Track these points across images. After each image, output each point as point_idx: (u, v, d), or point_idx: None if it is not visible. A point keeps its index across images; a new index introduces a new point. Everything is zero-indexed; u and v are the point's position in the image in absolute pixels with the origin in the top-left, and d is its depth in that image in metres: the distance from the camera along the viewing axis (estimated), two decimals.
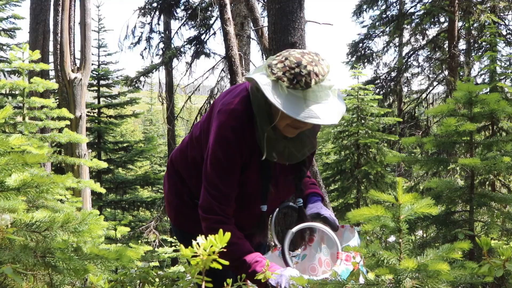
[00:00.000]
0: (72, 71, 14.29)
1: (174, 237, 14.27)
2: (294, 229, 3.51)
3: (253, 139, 3.21)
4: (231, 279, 2.56)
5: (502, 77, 18.75)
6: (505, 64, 20.67)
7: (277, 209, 3.71)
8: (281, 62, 3.02)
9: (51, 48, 14.92)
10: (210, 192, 3.26)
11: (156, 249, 14.13)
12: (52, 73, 16.22)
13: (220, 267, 2.04)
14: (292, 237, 3.47)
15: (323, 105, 3.00)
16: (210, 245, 1.98)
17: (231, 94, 3.34)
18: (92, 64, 19.37)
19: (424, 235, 6.91)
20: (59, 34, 14.24)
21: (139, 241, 15.98)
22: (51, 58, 15.35)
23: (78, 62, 14.91)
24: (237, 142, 3.17)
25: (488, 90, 14.32)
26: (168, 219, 4.07)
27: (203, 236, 2.06)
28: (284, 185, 3.53)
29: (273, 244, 3.74)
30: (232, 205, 3.31)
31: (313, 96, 2.97)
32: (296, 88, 2.95)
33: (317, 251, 3.79)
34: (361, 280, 2.62)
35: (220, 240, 1.96)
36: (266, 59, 3.86)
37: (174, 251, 13.18)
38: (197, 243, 2.00)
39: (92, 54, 17.77)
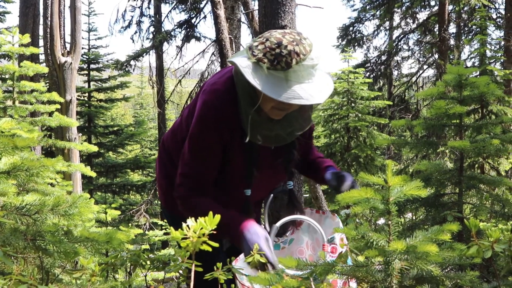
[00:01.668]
0: (62, 55, 14.22)
1: (165, 220, 14.29)
2: (279, 223, 3.47)
3: (237, 120, 3.17)
4: (221, 263, 2.58)
5: (492, 61, 18.80)
6: (495, 47, 20.70)
7: (271, 195, 3.70)
8: (262, 44, 2.98)
9: (41, 32, 14.86)
10: (184, 170, 3.28)
11: (146, 232, 14.16)
12: (42, 57, 16.19)
13: (210, 249, 2.04)
14: (276, 232, 3.45)
15: (307, 85, 2.94)
16: (200, 227, 1.98)
17: (217, 75, 3.33)
18: (82, 48, 19.34)
19: (414, 218, 6.95)
20: (49, 18, 14.16)
21: (130, 225, 16.02)
22: (41, 42, 15.31)
23: (68, 46, 14.86)
24: (217, 122, 3.14)
25: (478, 73, 14.36)
26: (159, 202, 4.05)
27: (193, 218, 2.06)
28: (271, 168, 3.48)
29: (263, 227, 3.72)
30: (207, 186, 3.28)
31: (295, 76, 2.92)
32: (277, 68, 2.90)
33: (304, 234, 3.79)
34: (350, 262, 2.64)
35: (210, 222, 1.97)
36: None
37: (165, 234, 13.21)
38: (187, 226, 2.01)
39: (82, 38, 17.73)
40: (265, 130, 3.20)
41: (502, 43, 19.21)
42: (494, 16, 21.70)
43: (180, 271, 2.65)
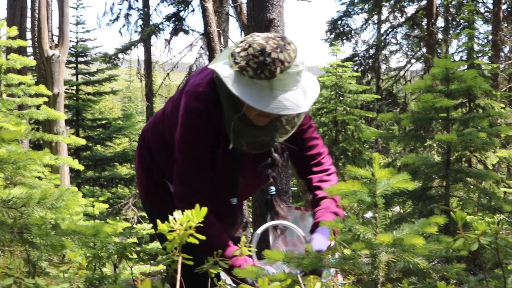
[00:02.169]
0: (50, 47, 14.16)
1: None
2: (259, 230, 3.41)
3: (221, 123, 3.08)
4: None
5: (479, 55, 18.84)
6: (482, 41, 20.75)
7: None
8: (244, 50, 2.85)
9: (28, 25, 14.82)
10: (181, 178, 3.18)
11: (134, 225, 14.13)
12: (30, 49, 16.13)
13: (197, 241, 2.04)
14: (258, 238, 3.40)
15: (292, 93, 2.85)
16: (186, 220, 1.98)
17: (201, 75, 3.20)
18: (70, 41, 19.26)
19: (401, 211, 6.97)
20: (36, 11, 14.10)
21: (118, 218, 15.98)
22: (28, 35, 15.25)
23: (56, 39, 14.81)
24: (203, 126, 3.05)
25: (465, 67, 14.40)
26: (141, 198, 3.94)
27: (179, 211, 2.05)
28: (252, 173, 3.40)
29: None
30: (207, 189, 3.19)
31: (279, 85, 2.81)
32: (261, 78, 2.78)
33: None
34: (337, 255, 2.64)
35: (196, 215, 1.97)
36: (245, 36, 3.76)
37: (153, 228, 13.15)
38: (174, 218, 2.01)
39: (70, 31, 17.68)
40: (249, 136, 3.11)
41: (490, 37, 19.28)
42: (482, 10, 21.75)
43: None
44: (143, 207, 3.94)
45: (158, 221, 2.08)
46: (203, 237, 2.05)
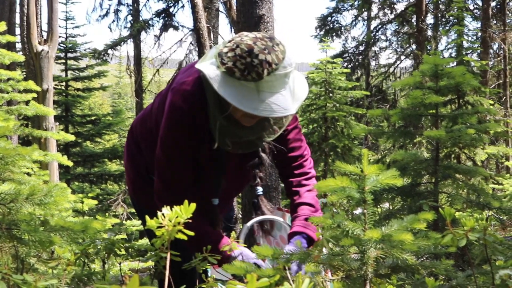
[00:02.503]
0: (39, 43, 14.13)
1: None
2: (249, 223, 3.42)
3: (206, 122, 3.05)
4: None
5: (468, 51, 18.89)
6: (471, 38, 20.84)
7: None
8: (232, 50, 2.79)
9: (17, 20, 14.76)
10: (162, 176, 3.17)
11: (124, 222, 14.12)
12: (18, 45, 16.05)
13: (185, 237, 2.04)
14: (248, 231, 3.41)
15: (279, 95, 2.81)
16: (175, 216, 1.98)
17: (188, 72, 3.16)
18: (60, 36, 19.20)
19: (391, 208, 6.99)
20: (25, 6, 14.06)
21: (107, 214, 15.95)
22: (17, 30, 15.19)
23: (45, 34, 14.76)
24: (187, 124, 3.03)
25: (454, 64, 14.44)
26: (129, 194, 3.91)
27: (168, 207, 2.05)
28: (237, 173, 3.38)
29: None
30: (187, 188, 3.17)
31: (267, 87, 2.77)
32: (248, 79, 2.74)
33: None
34: (325, 250, 2.65)
35: (185, 211, 1.97)
36: (234, 32, 3.73)
37: (142, 224, 13.14)
38: (163, 214, 2.00)
39: (60, 27, 17.58)
40: (235, 136, 3.08)
41: (479, 34, 19.36)
42: (471, 7, 21.86)
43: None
44: (131, 203, 3.92)
45: (147, 217, 2.07)
46: (191, 233, 2.04)
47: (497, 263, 2.81)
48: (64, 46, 21.97)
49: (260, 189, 3.48)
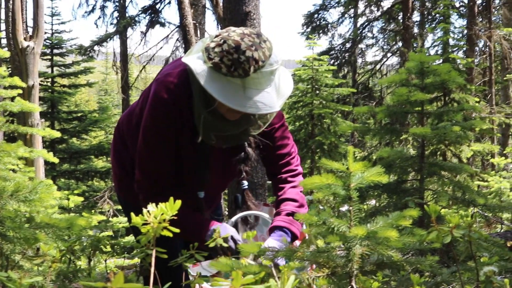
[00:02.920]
0: (25, 39, 14.07)
1: None
2: (233, 218, 3.44)
3: (188, 115, 3.07)
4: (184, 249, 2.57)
5: (454, 49, 18.99)
6: (457, 36, 20.91)
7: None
8: (219, 46, 2.81)
9: (2, 16, 14.75)
10: (142, 166, 3.19)
11: (110, 219, 14.10)
12: (4, 41, 16.00)
13: (171, 234, 2.03)
14: (232, 226, 3.41)
15: (265, 92, 2.83)
16: (161, 213, 1.98)
17: (174, 64, 3.19)
18: (45, 32, 19.13)
19: (377, 205, 7.01)
20: (10, 2, 14.00)
21: (93, 211, 15.92)
22: (2, 26, 15.15)
23: (30, 30, 14.69)
24: (169, 116, 3.04)
25: (440, 61, 14.49)
26: (115, 190, 3.92)
27: (153, 204, 2.04)
28: (223, 167, 3.39)
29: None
30: (167, 179, 3.19)
31: (253, 83, 2.80)
32: (234, 75, 2.76)
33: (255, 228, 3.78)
34: (312, 247, 2.65)
35: (170, 208, 1.97)
36: (221, 29, 3.73)
37: (128, 221, 13.12)
38: (148, 211, 2.00)
39: (45, 23, 17.55)
40: (219, 130, 3.09)
41: (465, 31, 19.41)
42: (457, 5, 21.90)
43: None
44: (118, 200, 3.91)
45: (132, 214, 2.07)
46: (177, 230, 2.04)
47: (481, 260, 2.83)
48: (50, 42, 21.89)
49: (245, 183, 3.51)
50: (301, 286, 2.50)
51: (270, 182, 3.69)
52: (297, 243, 3.17)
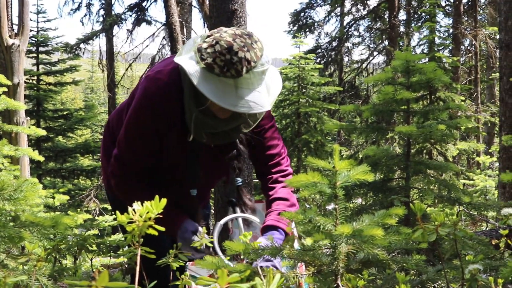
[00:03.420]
0: (10, 37, 13.98)
1: None
2: (222, 221, 3.44)
3: (176, 114, 3.10)
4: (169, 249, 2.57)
5: (440, 48, 19.06)
6: (443, 34, 21.00)
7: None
8: (211, 47, 2.84)
9: None
10: (119, 155, 3.22)
11: (96, 217, 14.07)
12: None
13: (156, 233, 2.03)
14: (221, 229, 3.42)
15: (256, 92, 2.87)
16: (146, 211, 1.97)
17: (165, 62, 3.22)
18: (31, 30, 19.02)
19: (363, 203, 7.02)
20: None
21: (79, 210, 15.87)
22: None
23: (16, 28, 14.61)
24: (154, 113, 3.06)
25: (426, 60, 14.54)
26: (104, 187, 3.95)
27: (138, 202, 2.04)
28: (214, 164, 3.41)
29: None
30: (141, 172, 3.23)
31: (245, 84, 2.83)
32: (227, 76, 2.79)
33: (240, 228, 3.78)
34: (297, 245, 2.65)
35: (156, 206, 1.96)
36: (207, 27, 3.73)
37: (115, 219, 13.09)
38: (133, 209, 2.00)
39: (31, 20, 17.46)
40: (210, 128, 3.11)
41: (451, 30, 19.50)
42: (443, 3, 22.00)
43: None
44: (106, 197, 3.92)
45: (117, 212, 2.07)
46: (162, 229, 2.04)
47: (467, 258, 2.84)
48: (36, 40, 21.80)
49: (239, 180, 3.53)
50: (287, 284, 2.51)
51: (258, 181, 3.69)
52: None
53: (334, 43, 23.10)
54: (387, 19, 21.08)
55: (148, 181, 3.28)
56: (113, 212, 3.66)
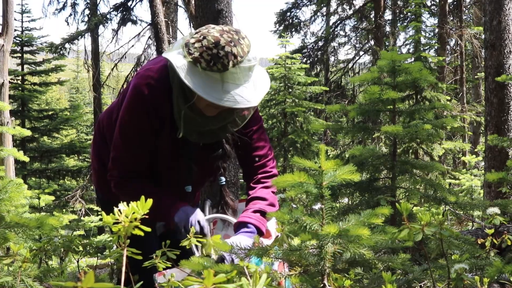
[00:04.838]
0: None
1: None
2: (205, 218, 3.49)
3: (167, 110, 3.13)
4: (156, 249, 2.56)
5: (426, 47, 19.13)
6: (429, 34, 21.08)
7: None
8: (199, 41, 2.89)
9: None
10: (116, 156, 3.25)
11: (82, 218, 14.01)
12: None
13: (142, 233, 2.03)
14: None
15: (243, 87, 2.92)
16: (132, 212, 1.96)
17: (155, 61, 3.26)
18: (15, 30, 18.93)
19: (350, 203, 7.03)
20: None
21: (65, 210, 15.82)
22: None
23: (0, 27, 14.54)
24: (145, 109, 3.09)
25: (412, 59, 14.59)
26: (94, 187, 3.98)
27: (125, 203, 2.04)
28: (204, 164, 3.43)
29: None
30: (141, 170, 3.27)
31: (231, 78, 2.88)
32: (213, 70, 2.83)
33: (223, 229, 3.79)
34: (285, 246, 2.65)
35: (142, 206, 1.95)
36: (193, 26, 3.76)
37: (100, 220, 13.08)
38: (119, 210, 1.99)
39: (15, 20, 17.34)
40: (198, 125, 3.15)
41: (436, 30, 19.58)
42: (428, 3, 22.09)
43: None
44: (96, 197, 3.94)
45: (103, 213, 2.07)
46: (148, 229, 2.04)
47: (452, 257, 2.85)
48: (20, 39, 21.68)
49: (223, 179, 3.56)
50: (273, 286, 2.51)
51: (243, 181, 3.71)
52: (265, 241, 3.17)
53: (320, 43, 23.12)
54: (373, 19, 21.14)
55: (146, 180, 3.31)
56: (99, 213, 3.65)
